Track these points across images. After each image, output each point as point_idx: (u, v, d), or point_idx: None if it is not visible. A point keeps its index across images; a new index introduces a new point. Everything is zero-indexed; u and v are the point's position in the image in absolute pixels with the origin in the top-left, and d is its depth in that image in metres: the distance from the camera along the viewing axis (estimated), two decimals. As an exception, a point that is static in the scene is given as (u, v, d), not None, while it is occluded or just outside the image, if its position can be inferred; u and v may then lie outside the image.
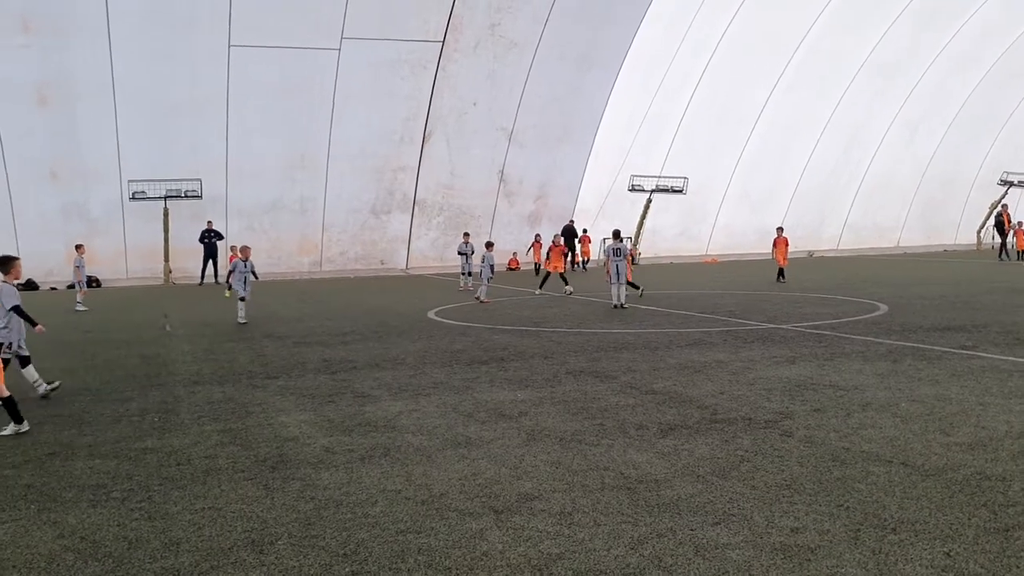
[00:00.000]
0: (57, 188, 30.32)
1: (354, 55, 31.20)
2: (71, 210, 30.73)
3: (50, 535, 5.50)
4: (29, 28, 28.02)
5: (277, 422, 8.43)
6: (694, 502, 5.74)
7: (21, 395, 9.07)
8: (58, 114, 29.35)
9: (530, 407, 8.78)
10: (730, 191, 40.36)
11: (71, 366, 12.41)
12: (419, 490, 6.18)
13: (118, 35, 28.66)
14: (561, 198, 37.35)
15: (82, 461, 7.18)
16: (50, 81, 28.99)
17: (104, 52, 28.81)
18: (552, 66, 33.87)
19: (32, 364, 10.04)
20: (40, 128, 29.26)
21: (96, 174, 30.45)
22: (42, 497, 6.26)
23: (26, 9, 27.77)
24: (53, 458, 7.31)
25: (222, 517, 5.73)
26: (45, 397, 9.86)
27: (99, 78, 29.13)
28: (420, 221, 35.39)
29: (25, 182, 29.74)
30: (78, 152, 30.17)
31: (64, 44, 28.55)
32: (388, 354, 12.70)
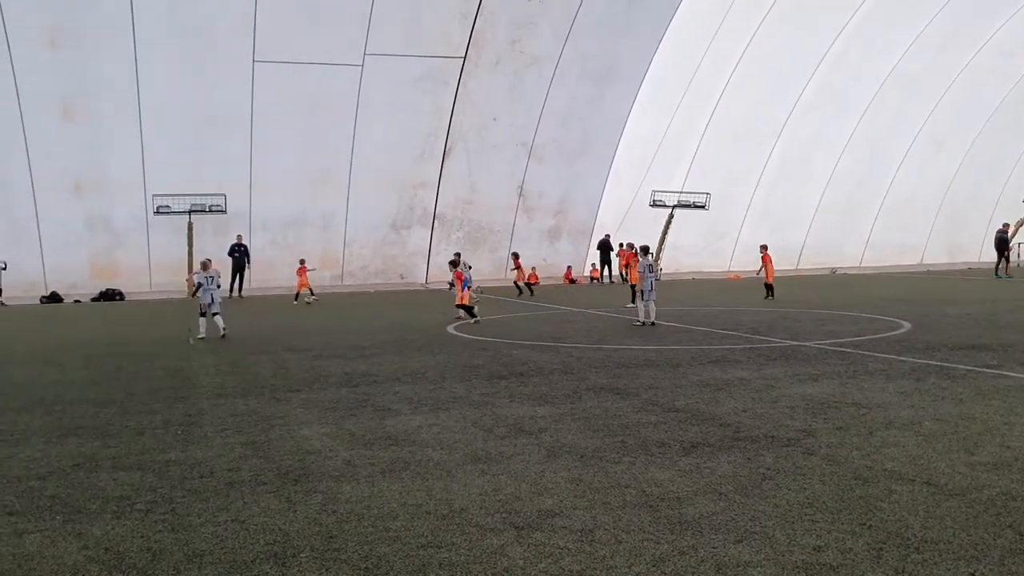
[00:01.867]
0: (82, 201, 30.62)
1: (376, 71, 31.42)
2: (96, 223, 31.03)
3: (75, 546, 5.56)
4: (56, 42, 28.40)
5: (299, 435, 8.47)
6: (716, 520, 5.72)
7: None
8: (83, 127, 29.67)
9: (550, 423, 8.78)
10: (752, 207, 40.22)
11: (95, 378, 12.53)
12: (440, 505, 6.20)
13: (144, 49, 28.99)
14: (581, 213, 37.36)
15: (106, 473, 7.25)
16: (76, 94, 29.33)
17: (130, 66, 29.14)
18: (573, 81, 33.97)
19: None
20: (65, 141, 29.57)
21: (121, 188, 30.73)
22: (67, 508, 6.33)
23: (53, 23, 28.15)
24: (78, 470, 7.38)
25: (245, 530, 5.76)
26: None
27: (124, 92, 29.45)
28: (440, 236, 35.49)
29: (50, 195, 30.04)
30: (103, 165, 30.47)
31: (90, 58, 28.89)
32: (408, 368, 12.74)
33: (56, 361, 14.59)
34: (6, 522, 6.03)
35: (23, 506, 6.39)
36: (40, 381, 12.31)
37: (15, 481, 7.04)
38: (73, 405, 10.32)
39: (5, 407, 10.31)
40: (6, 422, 9.40)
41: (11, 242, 29.56)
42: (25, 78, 28.35)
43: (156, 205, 30.48)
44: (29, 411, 10.02)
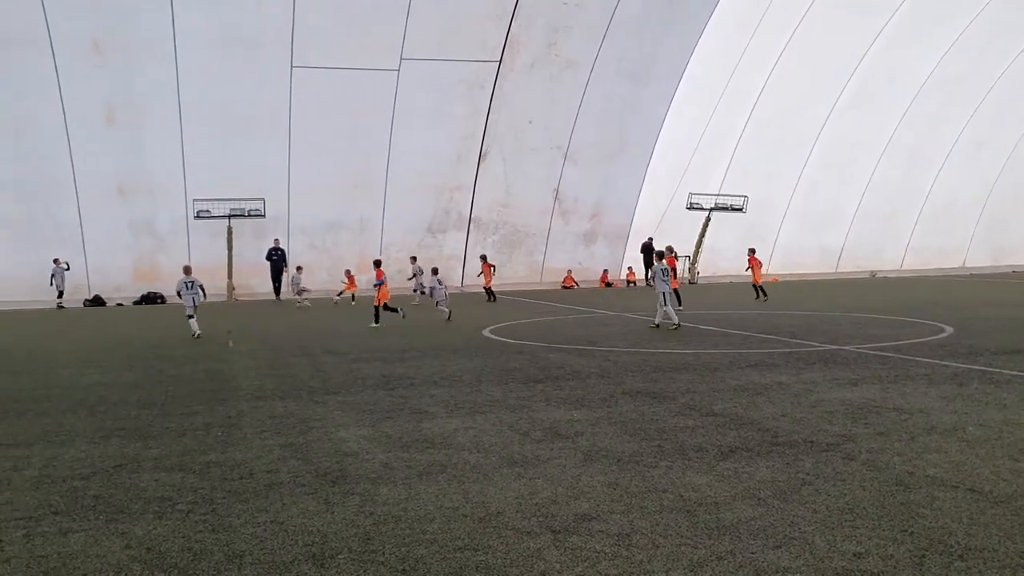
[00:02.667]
0: (124, 205, 31.17)
1: (413, 75, 31.61)
2: (138, 227, 31.56)
3: (118, 545, 5.65)
4: (100, 49, 28.94)
5: (337, 437, 8.54)
6: (754, 525, 5.67)
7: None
8: (126, 133, 30.19)
9: (586, 427, 8.76)
10: (791, 210, 39.85)
11: (137, 380, 12.72)
12: (476, 508, 6.21)
13: (184, 56, 29.45)
14: (617, 216, 37.25)
15: (148, 473, 7.36)
16: (118, 101, 29.86)
17: (171, 73, 29.61)
18: (609, 83, 33.91)
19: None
20: (108, 146, 30.13)
21: (162, 192, 31.24)
22: (110, 508, 6.43)
23: (97, 31, 28.68)
24: (121, 470, 7.49)
25: (284, 531, 5.82)
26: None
27: (166, 98, 29.93)
28: (476, 239, 35.58)
29: (93, 199, 30.62)
30: (145, 170, 30.98)
31: (133, 65, 29.40)
32: (445, 371, 12.78)
33: (99, 363, 14.84)
34: (51, 521, 6.14)
35: (68, 506, 6.50)
36: (84, 383, 12.53)
37: (60, 481, 7.17)
38: (116, 407, 10.49)
39: (51, 408, 10.51)
40: (52, 423, 9.58)
41: (56, 246, 30.15)
42: (70, 85, 28.94)
43: (196, 210, 30.93)
44: (73, 412, 10.20)
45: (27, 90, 28.74)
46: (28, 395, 11.47)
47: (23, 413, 10.26)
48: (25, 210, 30.04)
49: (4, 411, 10.39)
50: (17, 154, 29.43)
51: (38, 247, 30.07)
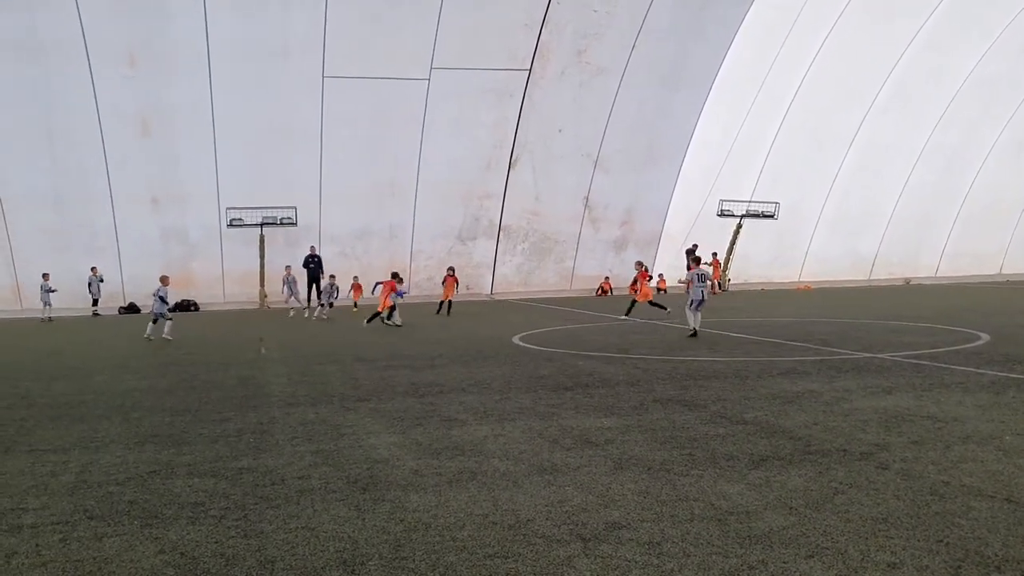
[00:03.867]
0: (158, 214, 31.60)
1: (442, 84, 31.77)
2: (171, 235, 31.98)
3: (152, 550, 5.71)
4: (134, 61, 29.38)
5: (367, 444, 8.58)
6: (786, 534, 5.62)
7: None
8: (160, 142, 30.61)
9: (617, 435, 8.73)
10: (823, 216, 39.52)
11: (171, 386, 12.86)
12: (506, 515, 6.21)
13: (218, 67, 29.81)
14: (648, 223, 37.14)
15: (182, 479, 7.43)
16: (153, 111, 30.29)
17: (204, 83, 29.99)
18: (639, 90, 33.85)
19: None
20: (143, 156, 30.57)
21: (195, 201, 31.64)
22: (144, 513, 6.50)
23: (132, 43, 29.11)
24: (154, 476, 7.58)
25: (315, 537, 5.85)
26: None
27: (199, 108, 30.32)
28: (505, 247, 35.65)
29: (128, 208, 31.09)
30: (178, 180, 31.38)
31: (166, 75, 29.80)
32: (474, 378, 12.80)
33: (134, 369, 15.03)
34: (87, 526, 6.23)
35: (103, 511, 6.59)
36: (119, 389, 12.69)
37: (95, 486, 7.27)
38: (150, 413, 10.62)
39: (87, 414, 10.66)
40: (87, 429, 9.71)
41: (92, 254, 30.63)
42: (105, 95, 29.41)
43: (229, 218, 31.30)
44: (108, 418, 10.33)
45: (64, 101, 29.25)
46: (64, 401, 11.64)
47: (59, 418, 10.41)
48: (62, 219, 30.56)
49: (41, 417, 10.55)
50: (54, 164, 29.96)
51: (75, 255, 30.56)
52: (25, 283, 30.82)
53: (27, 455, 8.49)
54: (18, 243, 30.45)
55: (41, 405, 11.37)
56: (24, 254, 30.57)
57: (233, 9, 29.10)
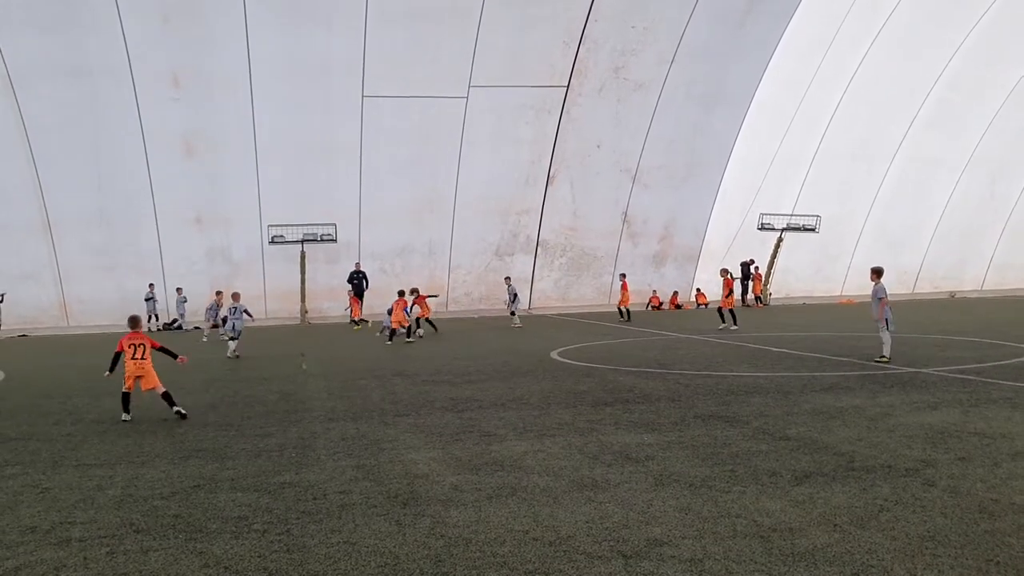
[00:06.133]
0: (201, 233, 32.10)
1: (481, 102, 31.95)
2: (215, 253, 32.45)
3: (196, 564, 5.78)
4: (179, 82, 29.93)
5: (407, 459, 8.61)
6: (830, 552, 5.55)
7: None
8: (203, 162, 31.11)
9: (657, 451, 8.68)
10: (866, 230, 39.03)
11: (214, 402, 13.02)
12: (547, 531, 6.19)
13: (259, 88, 30.27)
14: (687, 238, 36.95)
15: (225, 494, 7.52)
16: (196, 131, 30.80)
17: (246, 104, 30.45)
18: (678, 105, 33.77)
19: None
20: (187, 176, 31.07)
21: (238, 220, 32.08)
22: (189, 527, 6.59)
23: (176, 65, 29.67)
24: (198, 490, 7.68)
25: (356, 552, 5.89)
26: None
27: (241, 128, 30.77)
28: (543, 262, 35.67)
29: (172, 227, 31.63)
30: (221, 198, 31.85)
31: (210, 97, 30.32)
32: (513, 394, 12.80)
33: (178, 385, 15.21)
34: (133, 540, 6.32)
35: (148, 524, 6.69)
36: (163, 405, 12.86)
37: (141, 500, 7.38)
38: (194, 428, 10.76)
39: (132, 429, 10.83)
40: (133, 444, 9.87)
41: (138, 273, 31.15)
42: (150, 117, 29.98)
43: (271, 235, 31.70)
44: (153, 433, 10.49)
45: (110, 123, 29.86)
46: (111, 416, 11.83)
47: (105, 433, 10.59)
48: (108, 239, 31.14)
49: (88, 432, 10.74)
50: (100, 185, 30.56)
51: (121, 274, 31.12)
52: (71, 301, 31.44)
53: (75, 469, 8.65)
54: (65, 262, 31.07)
55: (88, 421, 11.57)
56: (71, 273, 31.19)
57: (275, 31, 29.55)
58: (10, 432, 10.86)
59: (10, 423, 11.52)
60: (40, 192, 30.12)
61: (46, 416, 12.03)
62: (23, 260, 30.65)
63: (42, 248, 30.82)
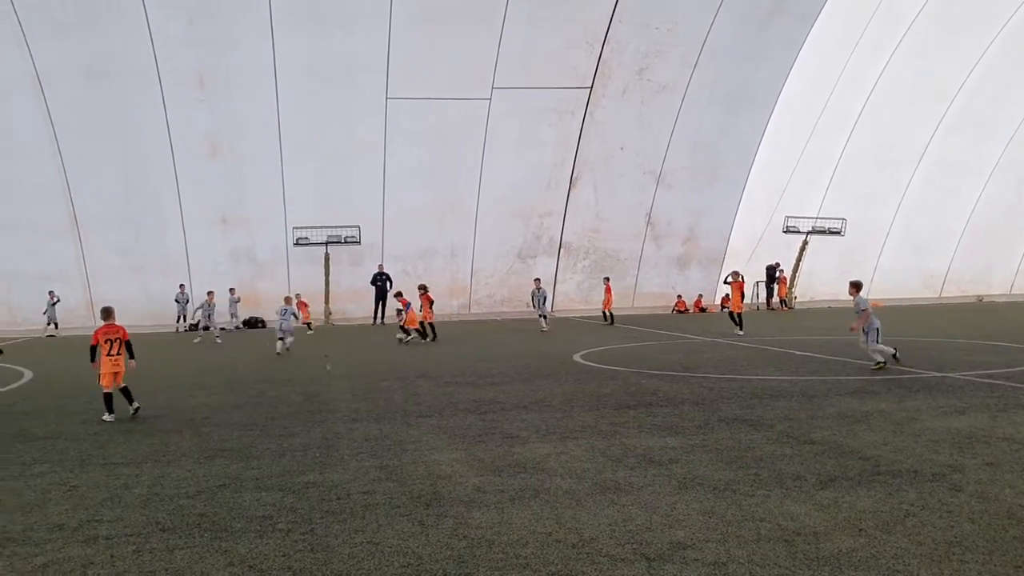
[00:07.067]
0: (226, 234, 32.33)
1: (504, 103, 31.99)
2: (239, 254, 32.68)
3: (222, 563, 5.82)
4: (204, 84, 30.19)
5: (430, 460, 8.63)
6: (856, 557, 5.50)
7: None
8: (228, 164, 31.35)
9: (681, 454, 8.65)
10: (892, 233, 38.68)
11: (239, 402, 13.11)
12: (569, 533, 6.19)
13: (284, 89, 30.46)
14: (711, 240, 36.78)
15: (250, 493, 7.57)
16: (221, 133, 31.04)
17: (271, 105, 30.65)
18: (702, 107, 33.66)
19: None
20: (211, 177, 31.31)
21: (262, 221, 32.29)
22: (214, 526, 6.64)
23: (202, 66, 29.92)
24: (224, 489, 7.73)
25: (380, 552, 5.91)
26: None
27: (266, 129, 30.97)
28: (566, 264, 35.64)
29: (198, 227, 31.89)
30: (246, 200, 32.07)
31: (235, 98, 30.55)
32: (535, 396, 12.79)
33: (204, 386, 15.37)
34: (159, 538, 6.38)
35: (174, 523, 6.74)
36: (189, 404, 12.99)
37: (167, 499, 7.44)
38: (219, 428, 10.84)
39: (159, 428, 10.93)
40: (159, 443, 9.96)
41: (164, 274, 31.43)
42: (176, 118, 30.26)
43: (295, 237, 31.90)
44: (179, 433, 10.58)
45: (136, 124, 30.17)
46: (138, 416, 11.93)
47: (131, 432, 10.70)
48: (135, 239, 31.45)
49: (114, 431, 10.85)
50: (127, 185, 30.88)
51: (147, 276, 31.42)
52: (98, 302, 31.67)
53: (102, 468, 8.74)
54: (92, 263, 31.41)
55: (116, 419, 11.66)
56: (98, 274, 31.51)
57: (299, 33, 29.75)
58: (38, 431, 10.99)
59: (38, 422, 11.66)
60: (68, 193, 30.48)
61: (73, 415, 12.16)
62: (51, 261, 31.00)
63: (70, 249, 31.18)
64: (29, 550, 6.18)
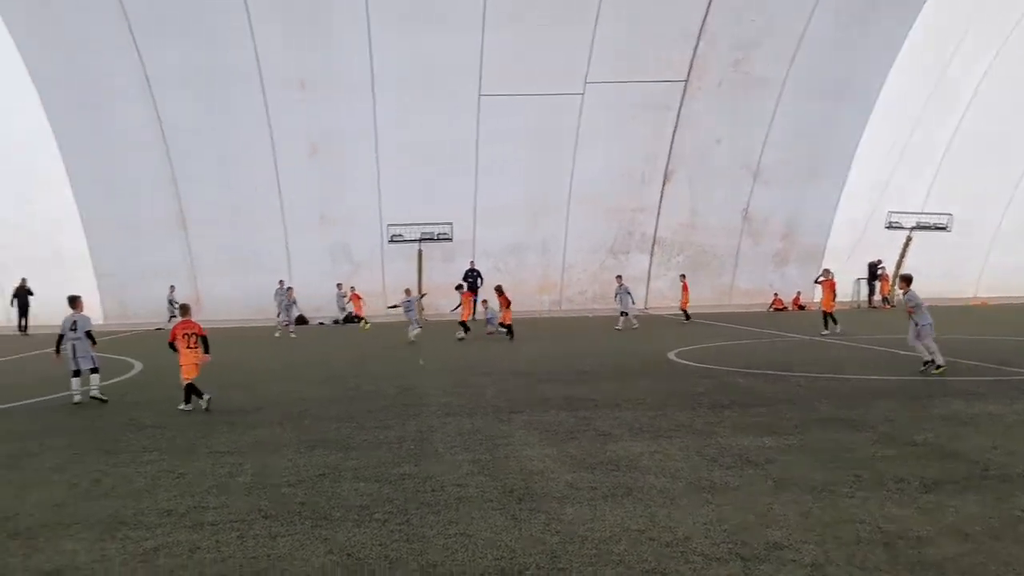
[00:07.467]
0: (325, 231, 33.15)
1: (597, 98, 31.87)
2: (337, 251, 33.47)
3: (321, 550, 6.00)
4: (305, 86, 31.00)
5: (523, 455, 8.69)
6: (962, 563, 5.32)
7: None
8: (327, 163, 32.13)
9: (777, 454, 8.49)
10: (1003, 228, 37.03)
11: (336, 395, 13.43)
12: (663, 532, 6.16)
13: (380, 89, 31.04)
14: (810, 236, 35.86)
15: (348, 483, 7.76)
16: (320, 133, 31.82)
17: (368, 106, 31.28)
18: (801, 100, 32.84)
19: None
20: (311, 176, 32.17)
21: (359, 218, 32.97)
22: (314, 515, 6.84)
23: (303, 69, 30.74)
24: (323, 479, 7.95)
25: (473, 544, 5.99)
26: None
27: (363, 129, 31.62)
28: (659, 260, 35.28)
29: (298, 225, 32.81)
30: (343, 198, 32.80)
31: (333, 99, 31.26)
32: (628, 394, 12.72)
33: (304, 379, 15.79)
34: (262, 525, 6.60)
35: (276, 511, 6.97)
36: (291, 397, 13.36)
37: (270, 488, 7.69)
38: (318, 420, 11.13)
39: (262, 420, 11.29)
40: (263, 434, 10.28)
41: (265, 270, 32.35)
42: (277, 119, 31.17)
43: (390, 234, 32.49)
44: (281, 424, 10.91)
45: (241, 126, 31.18)
46: (241, 407, 12.36)
47: (235, 423, 11.07)
48: (238, 236, 32.53)
49: (220, 422, 11.25)
50: (232, 184, 31.97)
51: (251, 272, 32.43)
52: (205, 296, 32.96)
53: (207, 457, 9.08)
54: (198, 258, 32.65)
55: (218, 411, 12.10)
56: (204, 269, 32.76)
57: (395, 33, 30.22)
58: (147, 420, 11.48)
59: (148, 412, 12.18)
60: (176, 191, 31.72)
61: (179, 405, 12.63)
62: (162, 256, 32.35)
63: (179, 245, 32.48)
64: (140, 534, 6.48)
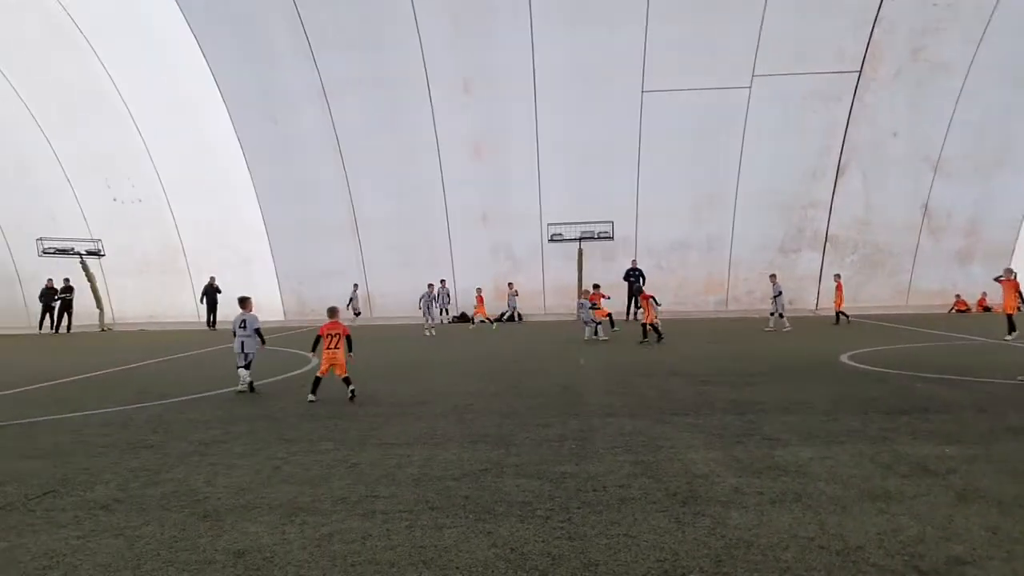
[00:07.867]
0: (487, 230, 33.81)
1: (764, 91, 30.97)
2: (498, 250, 34.06)
3: (485, 543, 6.11)
4: (469, 89, 31.71)
5: (686, 458, 8.55)
6: None
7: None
8: (489, 164, 32.76)
9: (960, 464, 7.99)
10: None
11: (499, 391, 13.65)
12: (833, 540, 5.92)
13: (543, 89, 31.34)
14: (998, 232, 33.47)
15: (510, 479, 7.88)
16: (483, 135, 32.47)
17: (529, 106, 31.65)
18: (987, 88, 30.72)
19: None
20: (474, 177, 32.89)
21: (520, 217, 33.43)
22: (478, 508, 6.98)
23: (467, 72, 31.48)
24: (486, 474, 8.10)
25: (636, 545, 5.95)
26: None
27: (524, 130, 32.05)
28: (832, 259, 33.86)
29: (461, 225, 33.65)
30: (505, 198, 33.34)
31: (496, 100, 31.84)
32: (797, 398, 12.29)
33: (467, 374, 16.16)
34: (429, 516, 6.80)
35: (442, 503, 7.16)
36: (455, 391, 13.70)
37: (436, 480, 7.91)
38: (480, 415, 11.35)
39: (427, 413, 11.63)
40: (428, 427, 10.60)
41: (431, 267, 33.39)
42: (443, 121, 32.04)
43: (550, 233, 32.73)
44: (445, 418, 11.20)
45: (408, 128, 32.27)
46: (408, 401, 12.78)
47: (403, 416, 11.45)
48: (406, 237, 33.70)
49: (390, 414, 11.67)
50: (400, 186, 33.16)
51: (417, 270, 33.51)
52: (375, 295, 34.31)
53: (378, 448, 9.44)
54: (369, 259, 34.05)
55: (387, 404, 12.56)
56: (374, 269, 34.14)
57: (558, 32, 30.45)
58: (322, 412, 12.05)
59: (322, 404, 12.77)
60: (349, 194, 33.17)
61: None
62: (337, 257, 33.98)
63: (352, 246, 33.97)
64: (317, 520, 6.81)
